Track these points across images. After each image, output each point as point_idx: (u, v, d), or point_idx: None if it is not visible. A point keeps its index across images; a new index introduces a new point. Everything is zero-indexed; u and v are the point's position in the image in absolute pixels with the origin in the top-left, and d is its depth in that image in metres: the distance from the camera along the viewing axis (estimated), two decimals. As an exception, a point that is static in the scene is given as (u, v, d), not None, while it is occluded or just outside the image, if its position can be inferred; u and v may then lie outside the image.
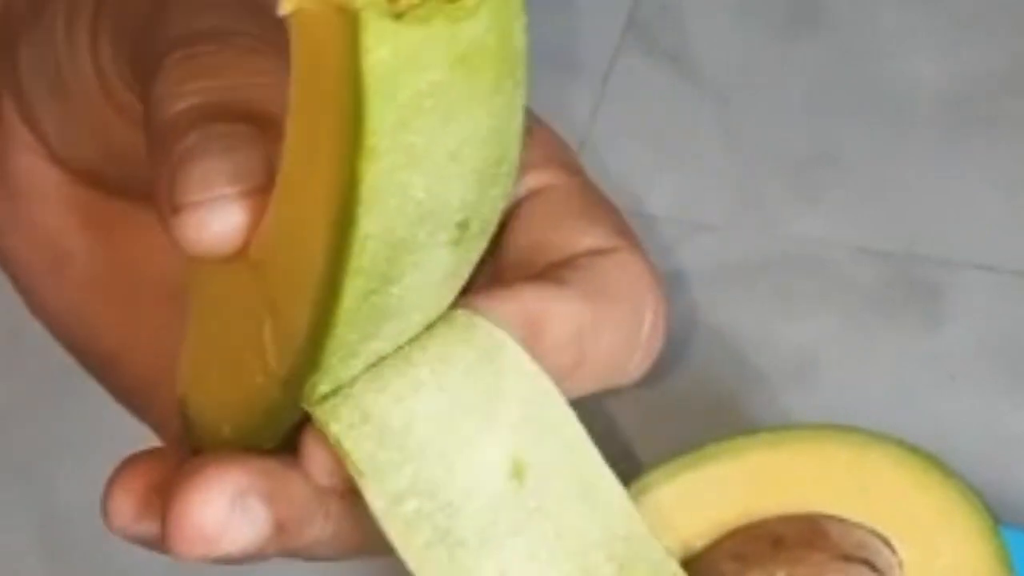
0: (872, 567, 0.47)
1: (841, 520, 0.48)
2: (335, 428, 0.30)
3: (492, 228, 0.31)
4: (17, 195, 0.37)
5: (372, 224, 0.28)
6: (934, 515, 0.48)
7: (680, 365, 0.60)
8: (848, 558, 0.47)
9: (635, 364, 0.35)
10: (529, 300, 0.32)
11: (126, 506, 0.31)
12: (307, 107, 0.28)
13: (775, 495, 0.49)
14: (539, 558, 0.31)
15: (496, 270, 0.34)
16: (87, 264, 0.37)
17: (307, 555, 0.32)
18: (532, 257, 0.33)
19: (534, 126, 0.36)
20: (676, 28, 0.68)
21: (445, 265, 0.30)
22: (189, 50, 0.32)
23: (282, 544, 0.31)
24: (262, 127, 0.31)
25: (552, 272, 0.33)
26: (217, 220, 0.30)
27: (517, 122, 0.31)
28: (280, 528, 0.31)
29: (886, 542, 0.48)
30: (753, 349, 0.60)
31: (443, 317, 0.31)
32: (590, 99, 0.66)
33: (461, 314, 0.31)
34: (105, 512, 0.32)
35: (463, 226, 0.29)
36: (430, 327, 0.31)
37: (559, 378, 0.32)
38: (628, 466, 0.52)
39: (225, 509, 0.30)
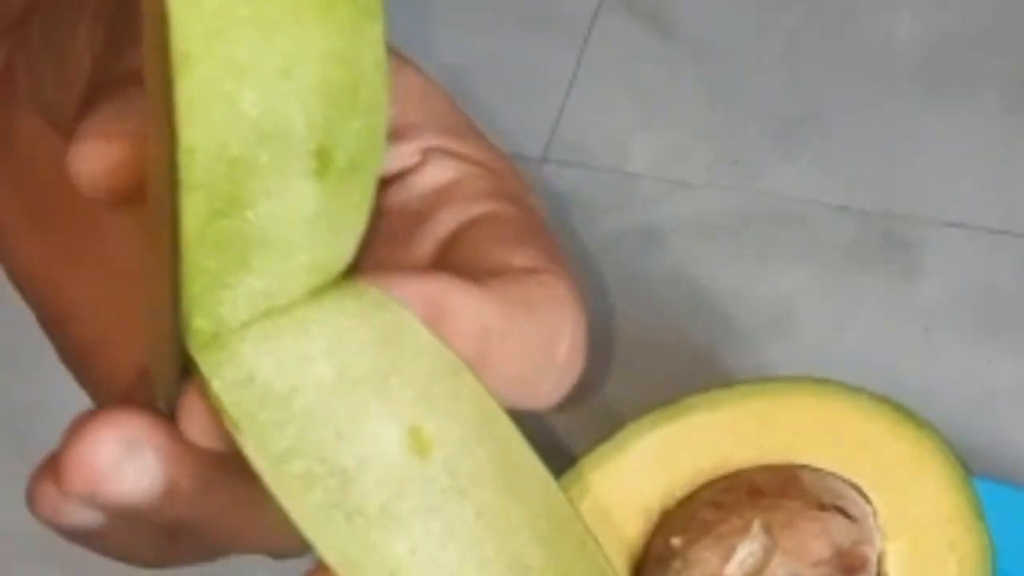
0: (846, 515, 0.48)
1: (816, 470, 0.49)
2: (216, 384, 0.30)
3: (372, 170, 0.30)
4: (18, 156, 0.38)
5: (197, 135, 0.28)
6: (907, 465, 0.49)
7: (661, 319, 0.61)
8: (823, 506, 0.48)
9: (549, 387, 0.34)
10: (437, 284, 0.32)
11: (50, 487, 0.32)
12: (146, 30, 0.29)
13: (752, 446, 0.49)
14: (457, 539, 0.30)
15: None
16: (64, 229, 0.38)
17: (210, 534, 0.33)
18: (466, 268, 0.34)
19: (495, 161, 0.37)
20: None
21: (312, 199, 0.29)
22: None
23: (176, 510, 0.32)
24: None
25: (474, 274, 0.33)
26: (96, 154, 0.31)
27: (374, 53, 0.30)
28: (173, 489, 0.31)
29: (860, 491, 0.49)
30: (732, 303, 0.60)
31: (351, 291, 0.31)
32: (571, 59, 0.66)
33: (370, 291, 0.31)
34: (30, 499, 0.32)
35: (322, 156, 0.29)
36: (335, 300, 0.31)
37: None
38: (608, 420, 0.53)
39: (115, 451, 0.31)
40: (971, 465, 0.50)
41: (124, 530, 0.33)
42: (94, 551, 0.35)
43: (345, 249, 0.31)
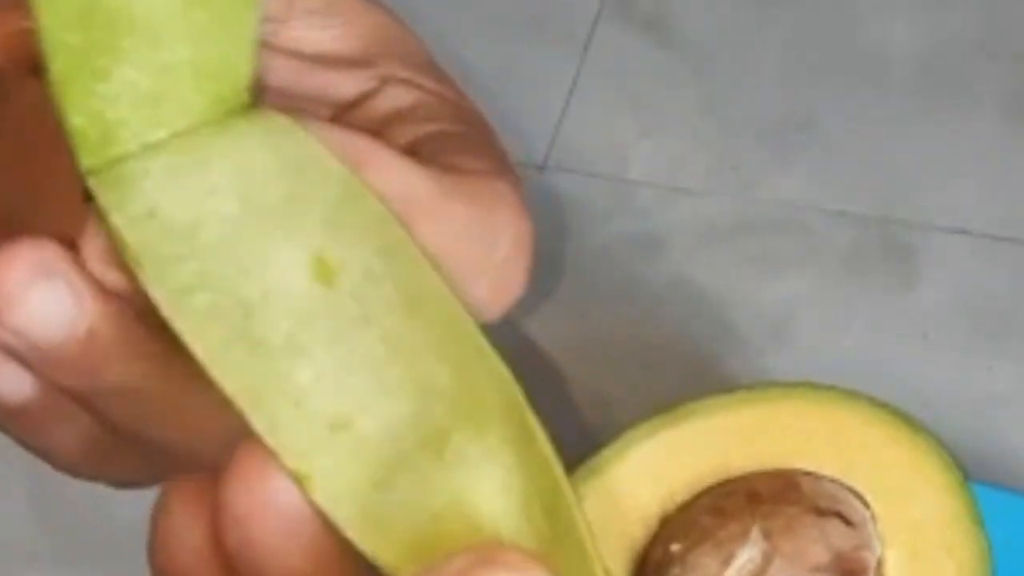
0: (845, 520, 0.48)
1: (815, 475, 0.49)
2: (117, 219, 0.29)
3: None
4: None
5: None
6: (905, 470, 0.49)
7: (660, 325, 0.61)
8: (821, 512, 0.48)
9: (484, 289, 0.33)
10: (363, 140, 0.31)
11: None
12: None
13: (751, 451, 0.49)
14: (364, 364, 0.29)
15: None
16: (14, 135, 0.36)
17: (142, 420, 0.31)
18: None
19: (452, 93, 0.36)
20: None
21: None
22: None
23: (99, 371, 0.30)
24: None
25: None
26: None
27: None
28: (93, 336, 0.30)
29: (859, 496, 0.49)
30: (731, 310, 0.60)
31: (259, 119, 0.30)
32: (571, 67, 0.66)
33: (279, 119, 0.30)
34: None
35: None
36: (242, 129, 0.30)
37: None
38: (609, 424, 0.53)
39: (28, 275, 0.29)
40: (970, 470, 0.50)
41: (52, 409, 0.31)
42: (25, 443, 0.33)
43: (238, 54, 0.30)
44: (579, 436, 0.57)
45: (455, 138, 0.35)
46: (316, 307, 0.29)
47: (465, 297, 0.30)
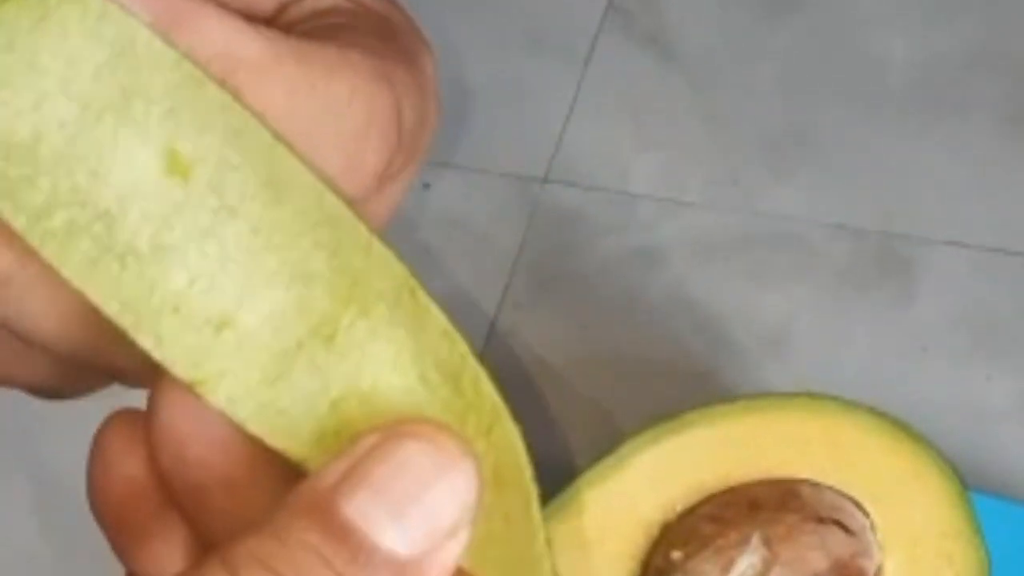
0: (844, 528, 0.48)
1: (814, 484, 0.49)
2: None
3: None
4: None
5: None
6: (905, 479, 0.49)
7: (660, 337, 0.61)
8: (821, 520, 0.48)
9: (337, 164, 0.31)
10: (181, 1, 0.29)
11: None
12: None
13: (751, 460, 0.50)
14: (236, 258, 0.28)
15: None
16: None
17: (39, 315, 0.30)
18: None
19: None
20: (655, 11, 0.68)
21: None
22: None
23: None
24: None
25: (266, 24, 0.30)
26: None
27: None
28: None
29: (858, 505, 0.49)
30: (731, 321, 0.61)
31: (74, 4, 0.28)
32: (572, 82, 0.67)
33: (93, 3, 0.28)
34: None
35: None
36: (58, 20, 0.28)
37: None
38: (611, 433, 0.53)
39: None
40: (968, 480, 0.50)
41: None
42: None
43: None
44: (581, 445, 0.57)
45: (350, 30, 0.33)
46: (176, 204, 0.28)
47: (325, 175, 0.29)
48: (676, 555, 0.48)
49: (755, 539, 0.48)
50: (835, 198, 0.63)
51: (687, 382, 0.59)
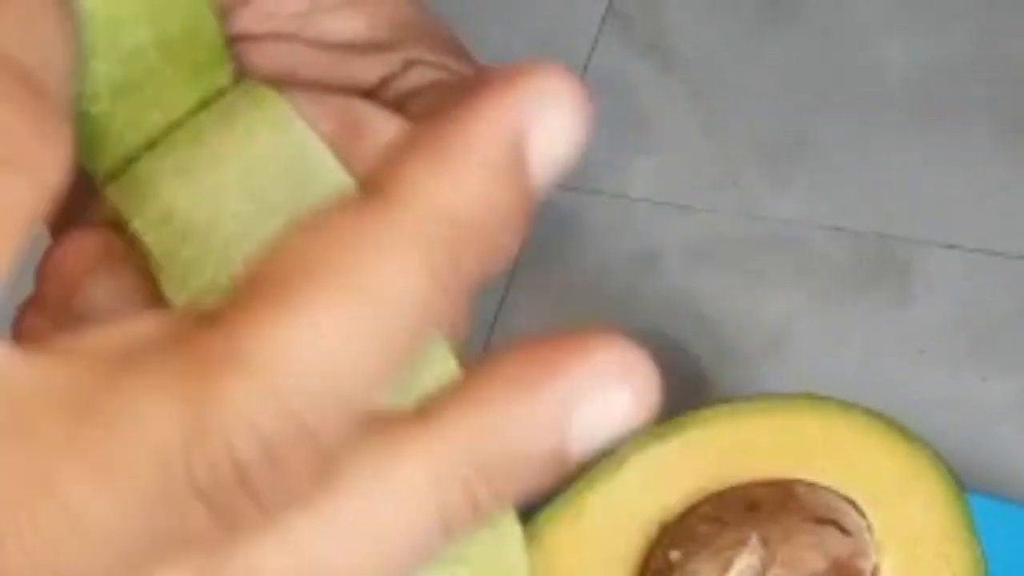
0: (841, 529, 0.48)
1: (812, 484, 0.49)
2: (138, 223, 0.29)
3: None
4: None
5: None
6: (901, 480, 0.49)
7: (659, 339, 0.61)
8: (819, 520, 0.48)
9: None
10: (352, 101, 0.30)
11: None
12: None
13: (750, 461, 0.50)
14: None
15: None
16: None
17: None
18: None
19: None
20: (654, 17, 0.68)
21: None
22: None
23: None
24: None
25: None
26: None
27: None
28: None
29: (855, 506, 0.49)
30: (730, 324, 0.61)
31: (257, 106, 0.30)
32: (571, 85, 0.67)
33: (277, 106, 0.30)
34: None
35: None
36: (244, 122, 0.30)
37: None
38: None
39: None
40: (965, 481, 0.50)
41: None
42: None
43: (199, 17, 0.29)
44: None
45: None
46: None
47: None
48: (675, 555, 0.48)
49: (753, 540, 0.48)
50: (833, 201, 0.63)
51: (686, 385, 0.59)
